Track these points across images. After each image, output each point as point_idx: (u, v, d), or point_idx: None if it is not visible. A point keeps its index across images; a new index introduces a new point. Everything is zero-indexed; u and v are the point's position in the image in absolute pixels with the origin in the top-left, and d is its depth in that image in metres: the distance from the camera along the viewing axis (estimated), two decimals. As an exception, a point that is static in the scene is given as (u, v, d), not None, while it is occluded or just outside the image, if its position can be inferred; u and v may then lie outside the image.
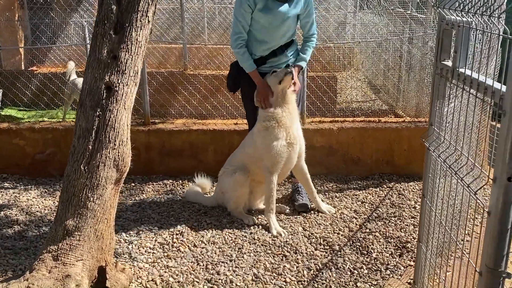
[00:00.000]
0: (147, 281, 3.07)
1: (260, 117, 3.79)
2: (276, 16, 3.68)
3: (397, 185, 4.66)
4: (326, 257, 3.37)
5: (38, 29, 7.51)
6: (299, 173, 4.01)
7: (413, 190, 4.57)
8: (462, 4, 2.06)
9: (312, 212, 4.09)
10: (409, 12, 6.00)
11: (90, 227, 2.73)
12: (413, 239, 3.58)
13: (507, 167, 1.57)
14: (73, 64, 6.38)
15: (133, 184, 4.74)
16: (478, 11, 1.92)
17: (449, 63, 2.18)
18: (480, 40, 2.22)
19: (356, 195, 4.45)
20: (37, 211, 4.19)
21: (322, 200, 4.26)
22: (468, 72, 1.91)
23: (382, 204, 4.26)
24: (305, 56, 3.92)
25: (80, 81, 5.99)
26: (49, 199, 4.43)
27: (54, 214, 3.96)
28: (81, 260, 2.70)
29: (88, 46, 6.03)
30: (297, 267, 3.24)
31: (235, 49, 3.77)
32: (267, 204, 3.81)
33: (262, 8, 3.63)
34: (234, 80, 3.99)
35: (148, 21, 2.79)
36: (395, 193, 4.48)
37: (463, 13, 1.97)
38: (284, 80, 3.68)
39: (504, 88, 1.57)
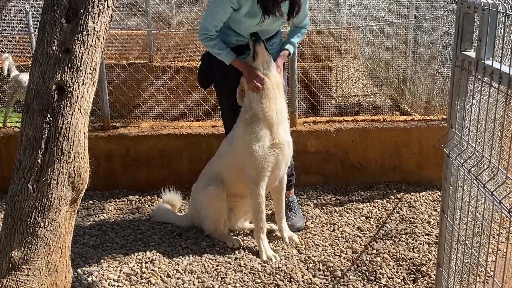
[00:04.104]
0: (112, 321, 3.00)
1: (241, 113, 3.76)
2: (262, 22, 3.68)
3: (406, 195, 4.66)
4: (327, 286, 3.34)
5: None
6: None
7: (425, 201, 4.57)
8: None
9: (308, 231, 4.07)
10: (415, -11, 6.03)
11: (41, 259, 2.64)
12: (428, 261, 3.57)
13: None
14: (9, 58, 6.24)
15: (91, 202, 4.65)
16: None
17: (471, 53, 2.16)
18: (504, 24, 2.21)
19: (359, 209, 4.43)
20: (-26, 238, 4.07)
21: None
22: (496, 64, 1.89)
23: (390, 219, 4.25)
24: (294, 41, 3.94)
25: (24, 77, 5.89)
26: (-11, 222, 4.32)
27: (-4, 241, 3.87)
28: (31, 299, 2.62)
29: (33, 35, 5.94)
30: (292, 298, 3.21)
31: (203, 42, 3.77)
32: (255, 223, 3.77)
33: (247, 12, 3.63)
34: (205, 73, 3.96)
35: (108, 6, 2.71)
36: (405, 206, 4.48)
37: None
38: (257, 52, 3.64)
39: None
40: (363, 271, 3.49)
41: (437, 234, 3.80)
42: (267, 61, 3.68)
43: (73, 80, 2.64)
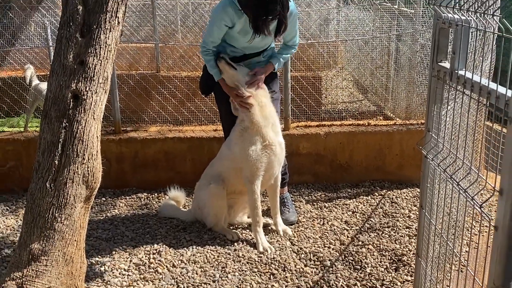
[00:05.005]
0: (123, 307, 2.99)
1: (237, 122, 3.78)
2: (253, 39, 3.67)
3: (389, 192, 4.67)
4: (317, 274, 3.34)
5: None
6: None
7: (406, 197, 4.57)
8: (456, 1, 2.06)
9: (300, 224, 4.06)
10: (396, 6, 6.04)
11: (58, 251, 2.64)
12: (409, 252, 3.57)
13: (515, 178, 1.56)
14: (31, 68, 6.22)
15: (104, 199, 4.64)
16: (471, 8, 1.91)
17: (446, 64, 2.17)
18: (476, 38, 2.22)
19: (346, 205, 4.43)
20: (-3, 232, 4.07)
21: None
22: (468, 74, 1.89)
23: (374, 213, 4.25)
24: (282, 56, 3.87)
25: (43, 86, 5.87)
26: (11, 218, 4.31)
27: (17, 234, 3.86)
28: (49, 287, 2.61)
29: (51, 48, 5.93)
30: (286, 286, 3.20)
31: (202, 55, 3.82)
32: (253, 218, 3.77)
33: (240, 30, 3.64)
34: (206, 82, 3.97)
35: (118, 22, 2.72)
36: (387, 201, 4.48)
37: (462, 11, 1.95)
38: (221, 69, 3.68)
39: (510, 93, 1.56)
40: (350, 261, 3.49)
41: (416, 227, 3.80)
42: (233, 75, 3.68)
43: (87, 89, 2.65)
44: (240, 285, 3.20)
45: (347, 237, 3.85)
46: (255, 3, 3.41)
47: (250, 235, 3.87)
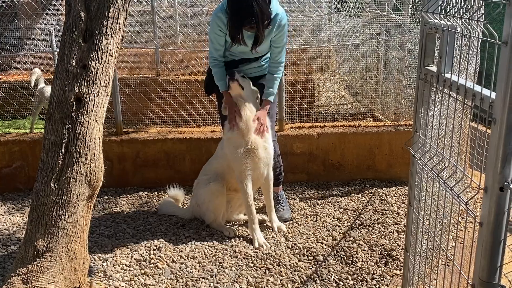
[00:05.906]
0: (124, 301, 2.97)
1: (226, 127, 3.80)
2: (231, 47, 3.67)
3: (379, 190, 4.66)
4: (310, 269, 3.33)
5: (1, 36, 7.31)
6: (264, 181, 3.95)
7: (395, 195, 4.57)
8: (442, 8, 2.05)
9: (294, 221, 4.06)
10: (385, 13, 6.04)
11: (62, 247, 2.63)
12: (398, 247, 3.57)
13: (499, 177, 1.55)
14: (37, 72, 6.18)
15: (106, 197, 4.62)
16: (456, 14, 1.91)
17: (433, 68, 2.16)
18: (461, 43, 2.21)
19: (338, 202, 4.43)
20: (4, 229, 4.04)
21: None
22: (454, 77, 1.89)
23: (365, 210, 4.24)
24: (272, 89, 3.82)
25: (48, 89, 5.84)
26: (17, 216, 4.28)
27: (23, 231, 3.83)
28: (53, 282, 2.59)
29: (56, 53, 5.90)
30: (281, 280, 3.19)
31: (211, 66, 3.82)
32: (248, 215, 3.76)
33: None
34: (209, 83, 3.98)
35: (119, 28, 2.71)
36: (377, 199, 4.48)
37: (448, 17, 1.95)
38: (231, 87, 3.68)
39: (493, 95, 1.55)
40: (341, 255, 3.49)
41: (405, 224, 3.80)
42: (239, 93, 3.68)
43: (89, 92, 2.63)
44: (236, 279, 3.19)
45: (339, 233, 3.84)
46: (231, 11, 3.43)
47: (246, 232, 3.86)
